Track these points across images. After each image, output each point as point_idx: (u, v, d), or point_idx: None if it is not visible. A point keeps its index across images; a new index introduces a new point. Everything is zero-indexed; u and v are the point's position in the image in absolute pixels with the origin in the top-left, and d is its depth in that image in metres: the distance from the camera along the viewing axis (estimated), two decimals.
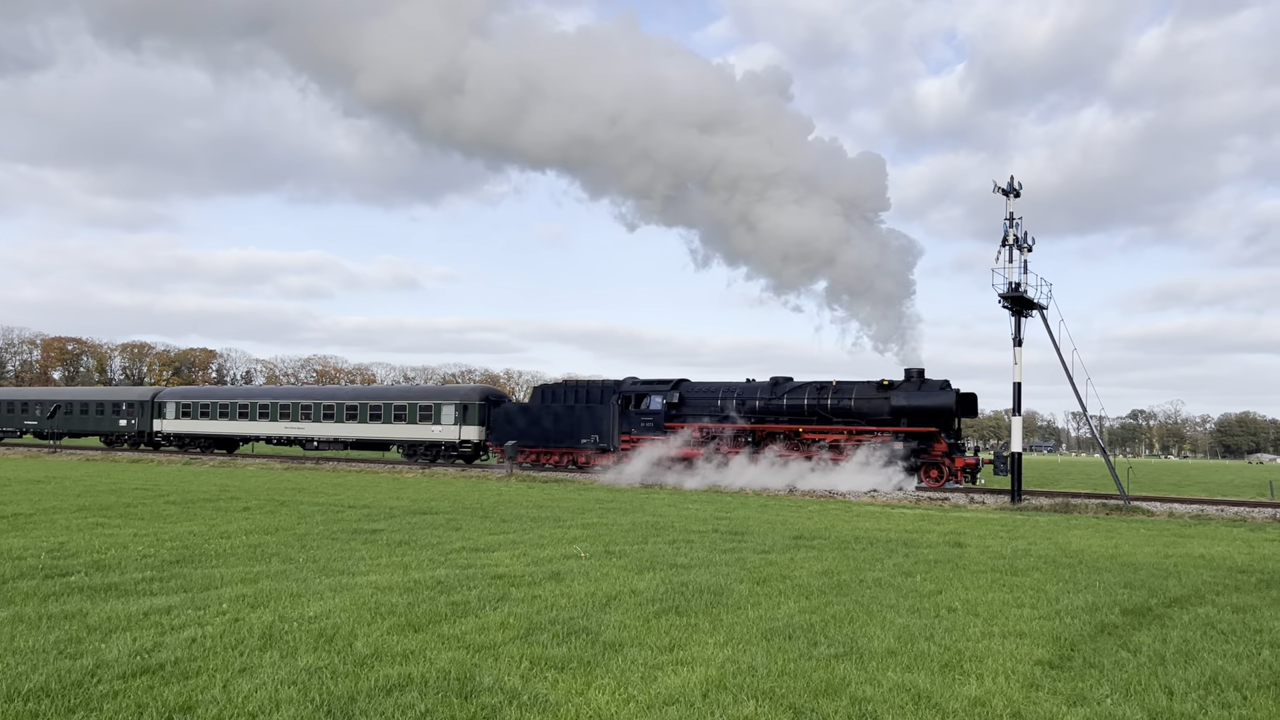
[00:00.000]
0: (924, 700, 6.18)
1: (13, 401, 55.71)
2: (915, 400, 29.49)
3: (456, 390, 42.34)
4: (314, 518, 17.15)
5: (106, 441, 52.04)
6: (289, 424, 45.26)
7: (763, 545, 14.22)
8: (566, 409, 36.27)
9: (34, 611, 8.34)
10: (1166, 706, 6.16)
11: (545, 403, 37.03)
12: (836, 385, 31.42)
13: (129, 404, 50.67)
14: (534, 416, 37.12)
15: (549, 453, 36.96)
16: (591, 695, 6.16)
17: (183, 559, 11.66)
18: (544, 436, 36.76)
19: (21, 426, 54.79)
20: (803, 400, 31.71)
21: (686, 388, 34.51)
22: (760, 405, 32.39)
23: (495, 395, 41.56)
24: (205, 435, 48.18)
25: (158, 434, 49.65)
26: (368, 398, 43.83)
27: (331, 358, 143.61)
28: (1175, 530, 18.85)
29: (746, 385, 33.39)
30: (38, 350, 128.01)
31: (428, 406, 41.23)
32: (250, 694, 5.99)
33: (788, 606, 9.26)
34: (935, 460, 29.16)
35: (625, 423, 34.91)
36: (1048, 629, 8.47)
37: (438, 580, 10.30)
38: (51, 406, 53.39)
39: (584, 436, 35.80)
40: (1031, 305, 26.81)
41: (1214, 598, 10.39)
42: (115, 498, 20.72)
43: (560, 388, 37.35)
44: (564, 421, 36.28)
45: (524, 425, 37.21)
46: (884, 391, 30.37)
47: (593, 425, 35.56)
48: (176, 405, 49.29)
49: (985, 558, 13.35)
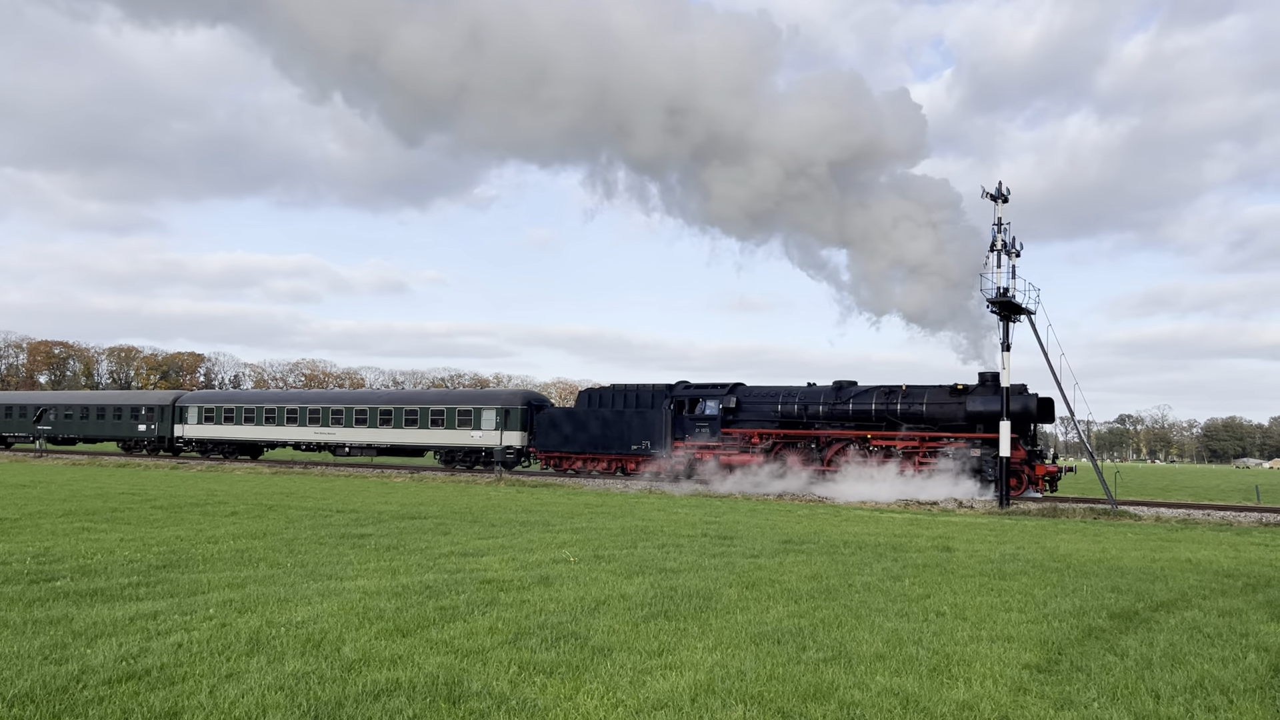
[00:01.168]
0: (912, 704, 6.19)
1: (25, 405, 54.26)
2: (992, 405, 28.09)
3: (498, 394, 41.18)
4: (302, 522, 17.08)
5: (125, 447, 50.49)
6: (319, 429, 43.83)
7: (752, 550, 14.22)
8: (615, 414, 35.28)
9: (19, 617, 8.28)
10: (1153, 710, 6.19)
11: (592, 407, 36.02)
12: (906, 389, 30.27)
13: (149, 408, 49.23)
14: (580, 421, 36.12)
15: (596, 459, 36.04)
16: (580, 700, 6.15)
17: (169, 564, 11.60)
18: (591, 442, 35.75)
19: (34, 431, 53.33)
20: (870, 405, 30.58)
21: (743, 392, 33.43)
22: (824, 410, 31.27)
23: (538, 400, 40.51)
24: (229, 441, 46.81)
25: (179, 439, 48.26)
26: (403, 402, 42.56)
27: (320, 362, 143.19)
28: (1162, 535, 18.93)
29: (808, 390, 32.24)
30: (24, 354, 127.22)
31: (467, 411, 40.01)
32: (237, 699, 5.96)
33: (776, 611, 9.27)
34: (1015, 468, 27.76)
35: (678, 428, 33.86)
36: (1035, 633, 8.49)
37: (426, 585, 10.27)
38: (67, 411, 52.07)
39: (634, 442, 34.76)
40: (1020, 310, 26.90)
41: (1200, 602, 10.44)
42: (101, 502, 20.60)
43: (608, 392, 36.14)
44: (613, 427, 35.28)
45: (570, 430, 36.26)
46: (958, 396, 29.26)
47: (643, 431, 34.56)
48: (199, 410, 47.79)
49: (973, 562, 13.38)
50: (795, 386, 32.65)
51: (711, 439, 32.97)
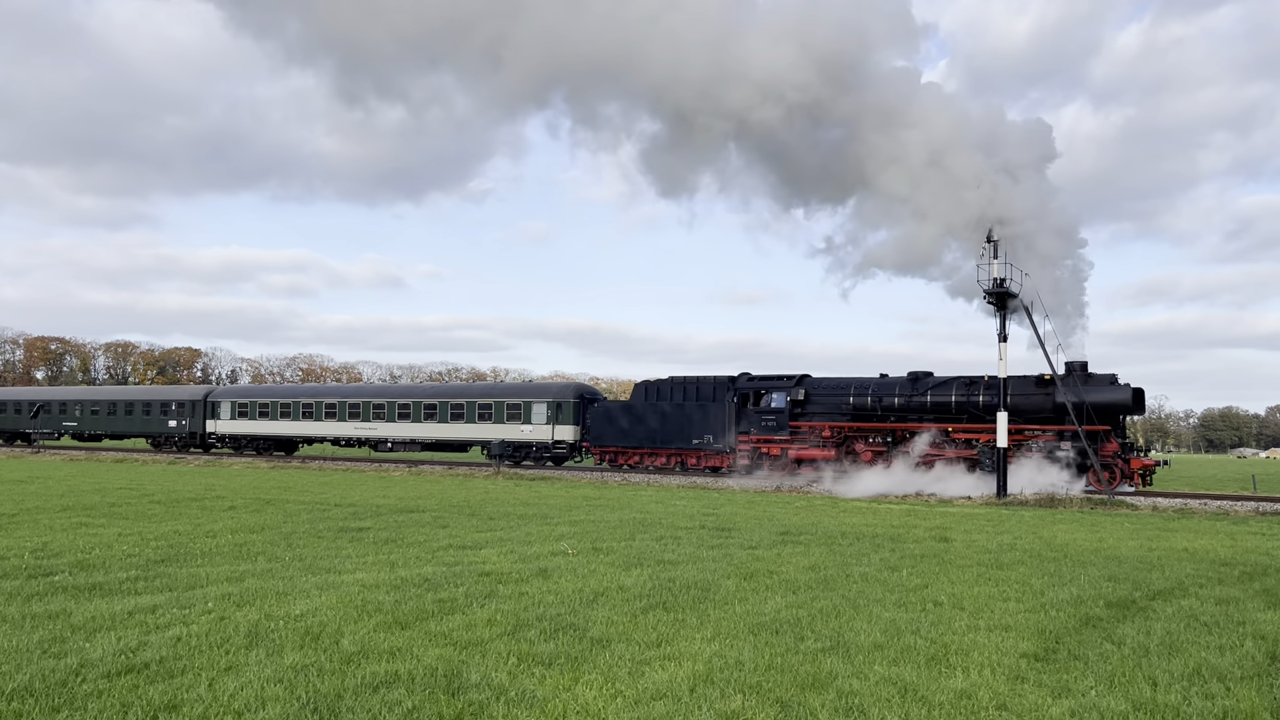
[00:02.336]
0: (910, 693, 6.21)
1: (50, 401, 53.42)
2: (1084, 396, 27.04)
3: (549, 387, 39.96)
4: (300, 516, 17.08)
5: (154, 443, 49.63)
6: (359, 424, 42.69)
7: (750, 541, 14.24)
8: (675, 407, 34.03)
9: (18, 611, 8.28)
10: (1150, 698, 6.20)
11: (650, 400, 34.77)
12: (989, 380, 28.84)
13: (179, 404, 48.33)
14: (637, 415, 34.87)
15: (655, 454, 34.76)
16: (579, 691, 6.16)
17: (167, 558, 11.60)
18: (649, 437, 34.48)
19: (60, 428, 52.37)
20: (950, 396, 29.37)
21: (811, 383, 32.14)
22: (900, 402, 30.04)
23: (590, 393, 39.41)
24: (265, 436, 45.85)
25: (211, 435, 47.40)
26: (449, 396, 41.32)
27: (317, 356, 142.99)
28: (1159, 524, 18.97)
29: (882, 381, 31.04)
30: (20, 350, 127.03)
31: (516, 405, 38.84)
32: (236, 692, 5.97)
33: (774, 602, 9.28)
34: (1106, 461, 26.89)
35: (743, 422, 32.58)
36: (1033, 622, 8.51)
37: (425, 578, 10.28)
38: (94, 406, 51.27)
39: (695, 437, 33.52)
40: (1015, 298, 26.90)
41: (1197, 590, 10.47)
42: (99, 497, 20.59)
43: (666, 384, 34.89)
44: (672, 421, 34.05)
45: (626, 425, 35.07)
46: (1045, 386, 27.95)
47: (705, 425, 33.33)
48: (232, 405, 46.89)
49: (971, 552, 13.41)
50: (868, 378, 31.53)
51: (779, 432, 31.77)
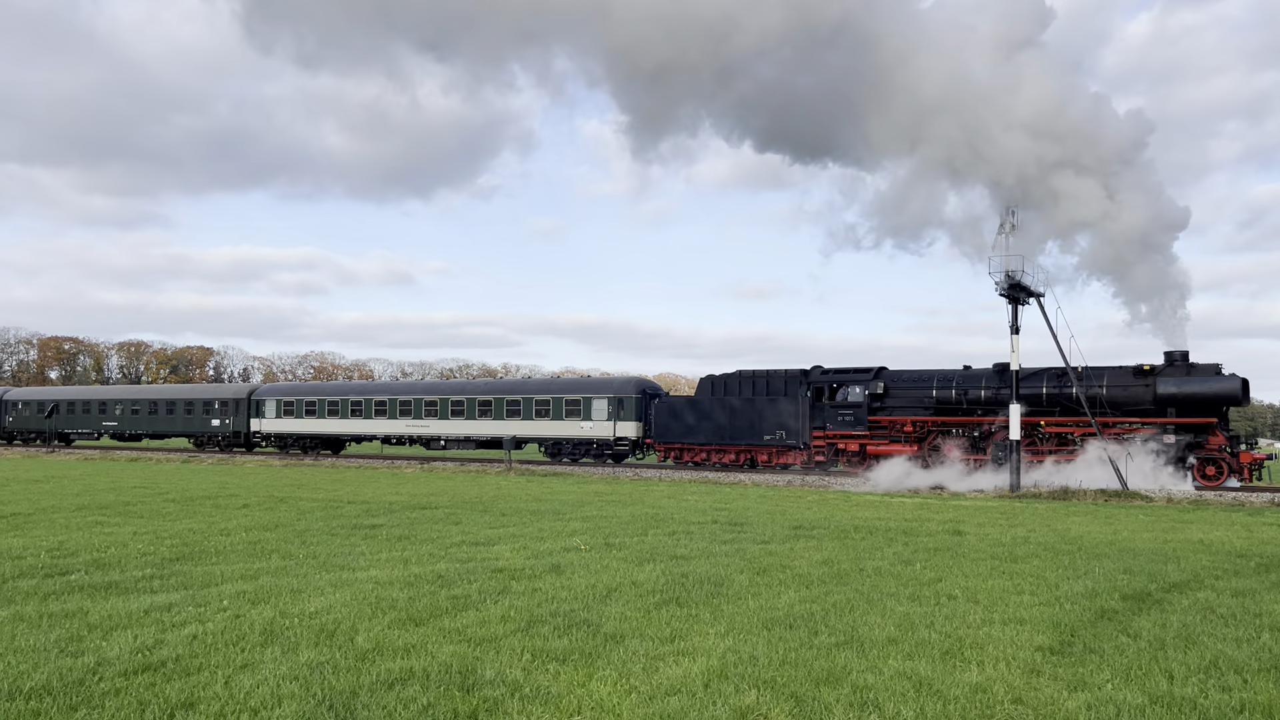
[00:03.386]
0: (925, 687, 6.20)
1: (89, 401, 52.44)
2: (1189, 387, 26.03)
3: (609, 383, 38.90)
4: (313, 514, 17.15)
5: (196, 443, 48.85)
6: (410, 421, 41.65)
7: (762, 536, 14.23)
8: (745, 402, 33.03)
9: (34, 610, 8.34)
10: (1167, 690, 6.18)
11: (717, 395, 33.88)
12: (1082, 371, 27.81)
13: (222, 402, 47.51)
14: (704, 411, 33.93)
15: (723, 450, 33.74)
16: (593, 687, 6.17)
17: (183, 556, 11.66)
18: (717, 433, 33.53)
19: (99, 428, 51.47)
20: (1040, 389, 28.30)
21: (890, 376, 31.12)
22: (987, 395, 28.94)
23: (652, 388, 38.34)
24: (312, 435, 44.79)
25: (256, 434, 46.52)
26: (505, 392, 40.52)
27: (329, 354, 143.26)
28: (1174, 516, 18.88)
29: (966, 374, 29.93)
30: (34, 350, 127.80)
31: (575, 401, 37.79)
32: (252, 690, 5.99)
33: (788, 596, 9.27)
34: (1212, 455, 25.95)
35: (817, 417, 31.55)
36: (1048, 615, 8.48)
37: (438, 574, 10.31)
38: (134, 405, 50.38)
39: (767, 433, 32.42)
40: (1029, 293, 26.79)
41: (1213, 582, 10.42)
42: (114, 496, 20.71)
43: (734, 378, 33.95)
44: (742, 416, 33.01)
45: (692, 421, 34.14)
46: (1144, 377, 26.99)
47: (777, 420, 32.19)
48: (278, 403, 45.92)
49: (985, 545, 13.37)
50: (951, 370, 30.48)
51: (856, 427, 30.76)
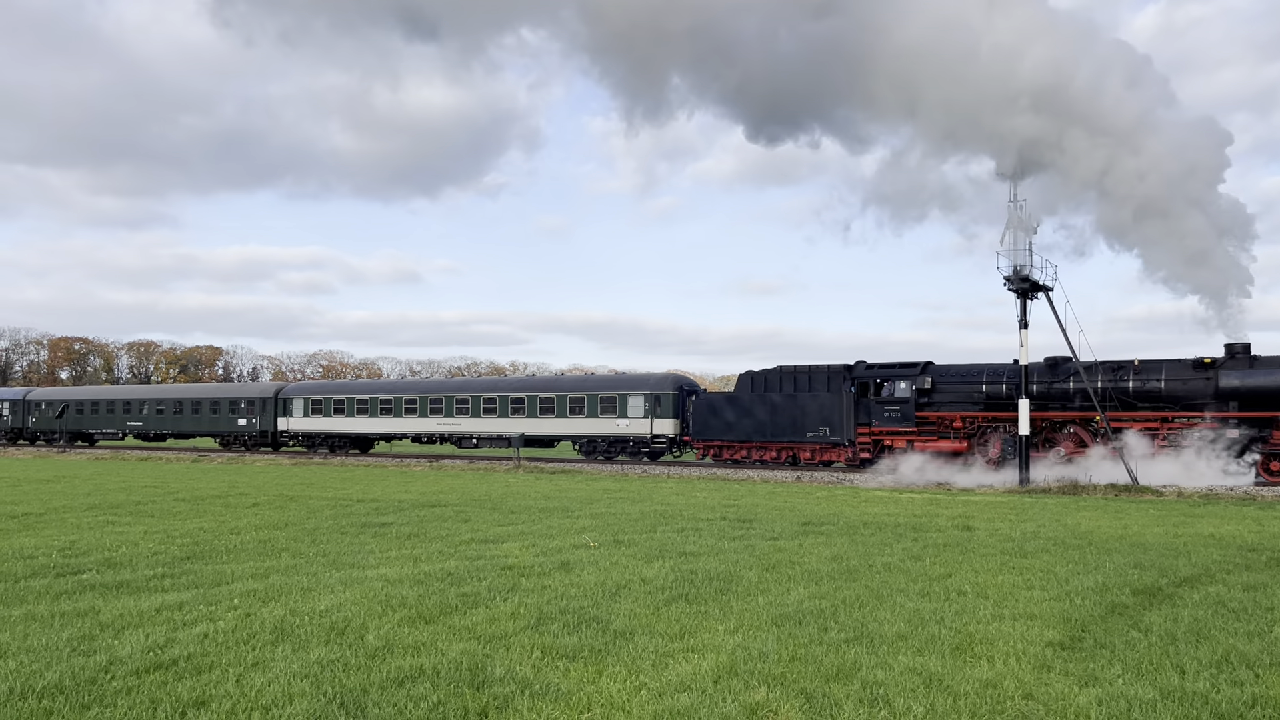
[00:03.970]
0: (935, 683, 6.19)
1: (114, 400, 52.12)
2: (1253, 380, 25.25)
3: (646, 379, 37.69)
4: (323, 512, 17.19)
5: (223, 443, 48.34)
6: (441, 420, 41.00)
7: (771, 532, 14.22)
8: (787, 398, 32.15)
9: (46, 610, 8.38)
10: (1178, 685, 6.16)
11: (757, 391, 33.00)
12: (1139, 364, 27.28)
13: (249, 401, 47.09)
14: (744, 407, 33.05)
15: (763, 448, 32.89)
16: (603, 684, 6.17)
17: (193, 555, 11.70)
18: (758, 430, 32.69)
19: (124, 428, 51.20)
20: (1095, 382, 27.54)
21: (937, 371, 30.30)
22: (1039, 390, 28.03)
23: (689, 385, 37.68)
24: (340, 434, 44.27)
25: (283, 433, 45.94)
26: (538, 389, 39.68)
27: (338, 353, 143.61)
28: (1184, 510, 18.81)
29: (1016, 367, 28.71)
30: (45, 350, 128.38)
31: (611, 398, 37.04)
32: (263, 688, 6.01)
33: (797, 592, 9.27)
34: (1278, 450, 25.06)
35: (862, 413, 30.80)
36: (1058, 610, 8.46)
37: (447, 572, 10.32)
38: (159, 405, 49.92)
39: (810, 430, 31.64)
40: (1037, 288, 26.69)
41: (1224, 576, 10.38)
42: (125, 496, 20.80)
43: (775, 374, 33.03)
44: (784, 413, 32.15)
45: (732, 417, 33.30)
46: (1204, 370, 26.16)
47: (821, 416, 31.45)
48: (305, 401, 45.41)
49: (994, 541, 13.34)
50: (1000, 364, 29.62)
51: (903, 424, 29.97)
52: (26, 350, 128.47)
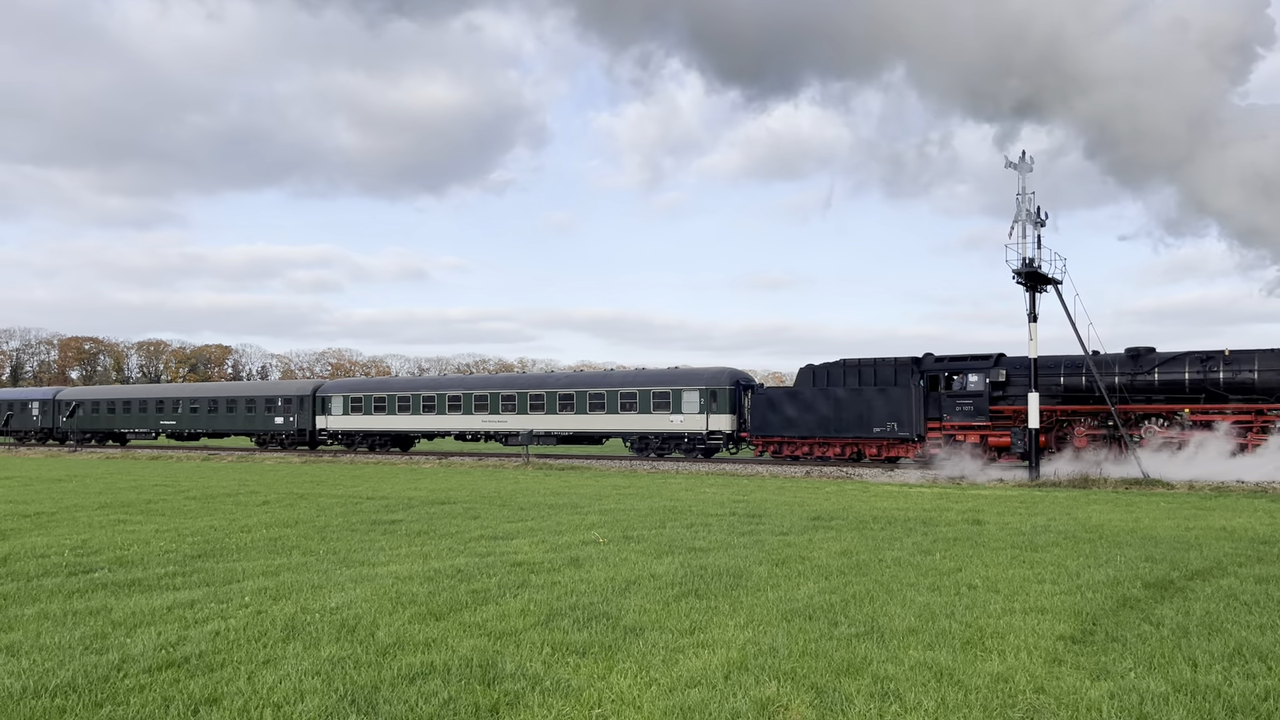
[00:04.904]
0: (946, 677, 6.17)
1: (146, 400, 51.45)
2: None
3: (700, 374, 36.77)
4: (333, 510, 17.24)
5: (259, 441, 47.79)
6: (487, 417, 40.27)
7: (781, 527, 14.21)
8: (851, 393, 31.22)
9: (59, 608, 8.42)
10: (1191, 679, 6.13)
11: (819, 386, 32.04)
12: (1229, 355, 26.35)
13: (285, 399, 46.44)
14: (806, 402, 32.07)
15: (826, 444, 31.99)
16: (613, 679, 6.17)
17: (204, 553, 11.75)
18: (821, 425, 31.74)
19: (157, 427, 50.62)
20: (1182, 374, 26.78)
21: (1012, 363, 29.26)
22: (1122, 381, 27.38)
23: (745, 379, 36.75)
24: (382, 432, 43.66)
25: (322, 432, 45.34)
26: (587, 385, 38.76)
27: (346, 350, 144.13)
28: (1196, 503, 18.74)
29: (1097, 358, 27.98)
30: (55, 350, 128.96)
31: (664, 393, 36.21)
32: (275, 685, 6.03)
33: (807, 587, 9.26)
34: None
35: (932, 407, 29.86)
36: (1069, 604, 8.44)
37: (458, 569, 10.34)
38: (193, 404, 49.35)
39: (876, 425, 30.69)
40: (1046, 281, 26.61)
41: (1236, 569, 10.34)
42: (136, 495, 20.88)
43: (837, 368, 32.10)
44: (848, 407, 31.25)
45: (793, 413, 32.30)
46: None
47: (888, 411, 30.43)
48: (344, 399, 44.71)
49: (1005, 534, 13.31)
50: (1078, 355, 28.26)
51: (977, 418, 28.97)
52: (37, 350, 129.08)
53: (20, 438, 56.56)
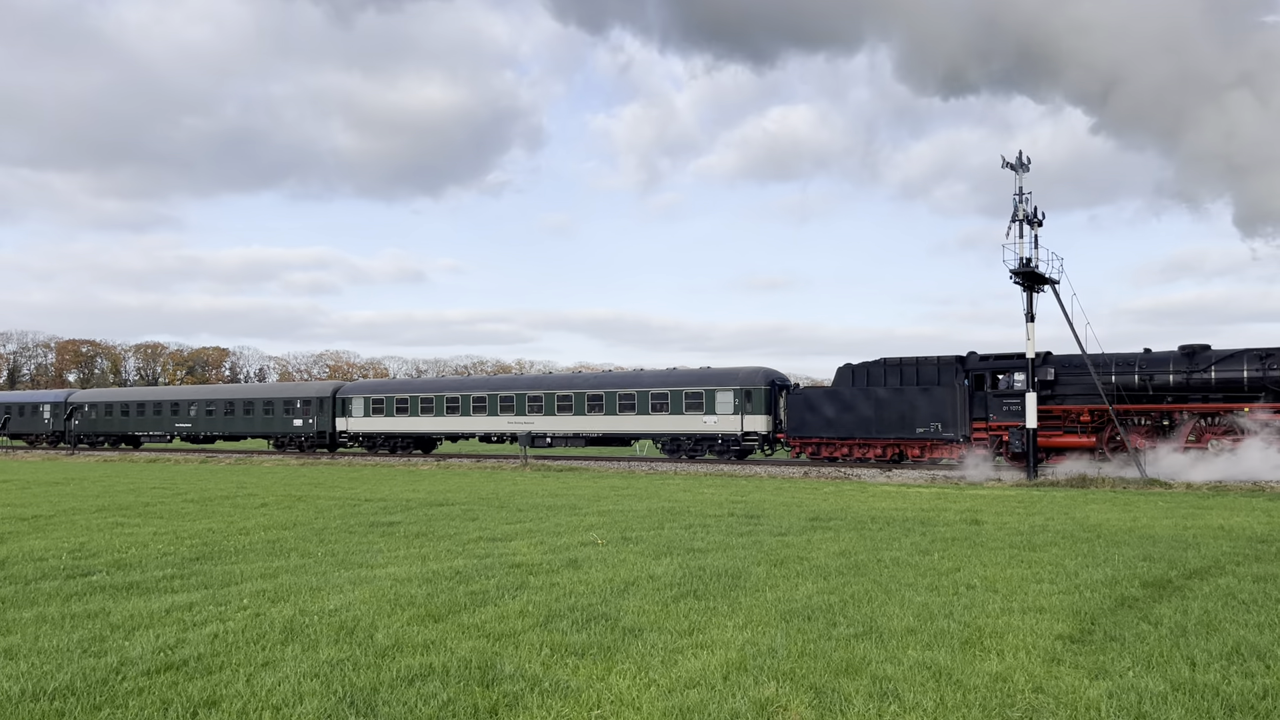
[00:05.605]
0: (945, 677, 6.18)
1: (160, 402, 50.56)
2: None
3: (735, 373, 35.90)
4: (331, 512, 17.23)
5: (277, 444, 46.90)
6: (513, 418, 39.65)
7: (779, 528, 14.22)
8: (893, 393, 30.57)
9: (57, 611, 8.41)
10: (1189, 678, 6.14)
11: (859, 385, 31.44)
12: None
13: (304, 401, 45.69)
14: (845, 402, 31.46)
15: (867, 445, 31.36)
16: (612, 680, 6.17)
17: (202, 556, 11.73)
18: (861, 426, 31.14)
19: (172, 430, 49.80)
20: (1240, 372, 25.93)
21: (1060, 361, 28.52)
22: (1176, 380, 26.61)
23: (780, 379, 35.84)
24: (404, 434, 43.05)
25: (342, 434, 44.68)
26: (616, 385, 37.96)
27: (344, 353, 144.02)
28: (1193, 502, 18.76)
29: (1149, 356, 27.52)
30: (52, 353, 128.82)
31: (697, 393, 35.57)
32: (273, 687, 6.03)
33: (806, 588, 9.26)
34: None
35: (978, 407, 29.18)
36: (1067, 604, 8.45)
37: (456, 570, 10.34)
38: (209, 406, 48.49)
39: (920, 425, 29.99)
40: (1044, 280, 26.66)
41: (1234, 568, 10.35)
42: (134, 497, 20.86)
43: (878, 367, 31.43)
44: (890, 407, 30.61)
45: (832, 413, 31.69)
46: None
47: (932, 411, 29.68)
48: (366, 401, 44.07)
49: (1003, 534, 13.32)
50: (1131, 354, 27.98)
51: (1024, 418, 27.94)
52: (34, 353, 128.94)
53: (31, 441, 55.79)
